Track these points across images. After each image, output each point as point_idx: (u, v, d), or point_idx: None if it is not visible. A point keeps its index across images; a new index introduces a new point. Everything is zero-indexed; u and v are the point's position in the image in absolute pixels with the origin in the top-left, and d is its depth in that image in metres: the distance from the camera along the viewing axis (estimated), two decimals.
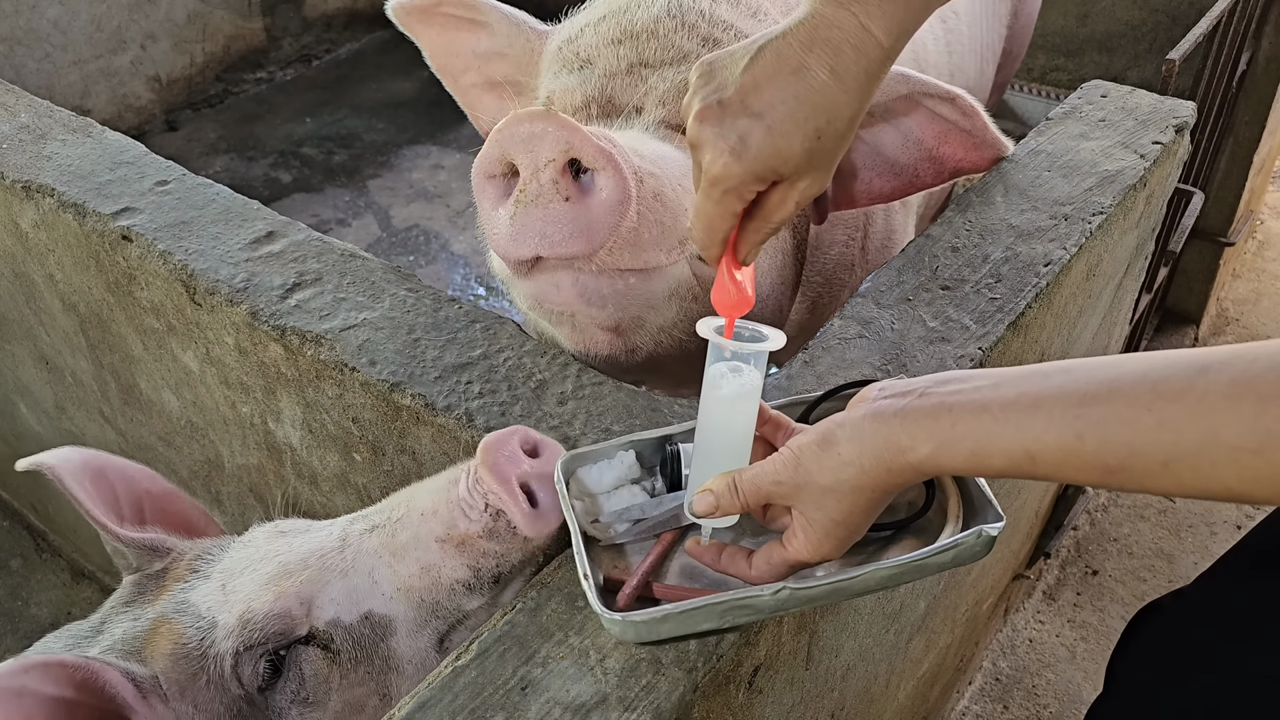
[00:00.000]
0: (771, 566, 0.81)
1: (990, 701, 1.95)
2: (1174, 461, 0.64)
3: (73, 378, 1.71)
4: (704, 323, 0.86)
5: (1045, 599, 2.15)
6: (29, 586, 2.18)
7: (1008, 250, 1.29)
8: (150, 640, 0.95)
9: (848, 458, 0.75)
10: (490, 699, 0.79)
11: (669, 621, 0.81)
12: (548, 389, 1.11)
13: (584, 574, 0.84)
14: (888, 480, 0.75)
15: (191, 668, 0.92)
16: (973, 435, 0.71)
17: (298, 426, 1.28)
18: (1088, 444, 0.66)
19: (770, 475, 0.79)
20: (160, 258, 1.31)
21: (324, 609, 0.94)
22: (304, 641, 0.94)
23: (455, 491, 0.93)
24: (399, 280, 1.28)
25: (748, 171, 0.85)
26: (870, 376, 1.11)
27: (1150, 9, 3.02)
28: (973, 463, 0.72)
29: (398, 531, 0.94)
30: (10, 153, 1.52)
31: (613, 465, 0.95)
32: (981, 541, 0.81)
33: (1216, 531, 2.28)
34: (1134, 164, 1.44)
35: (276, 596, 0.93)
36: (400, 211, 3.43)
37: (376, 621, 0.94)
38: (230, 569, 0.98)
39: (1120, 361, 0.68)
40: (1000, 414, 0.70)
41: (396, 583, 0.94)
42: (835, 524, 0.78)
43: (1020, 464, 0.70)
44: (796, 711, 1.03)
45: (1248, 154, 2.62)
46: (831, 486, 0.76)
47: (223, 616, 0.94)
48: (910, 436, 0.73)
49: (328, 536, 0.97)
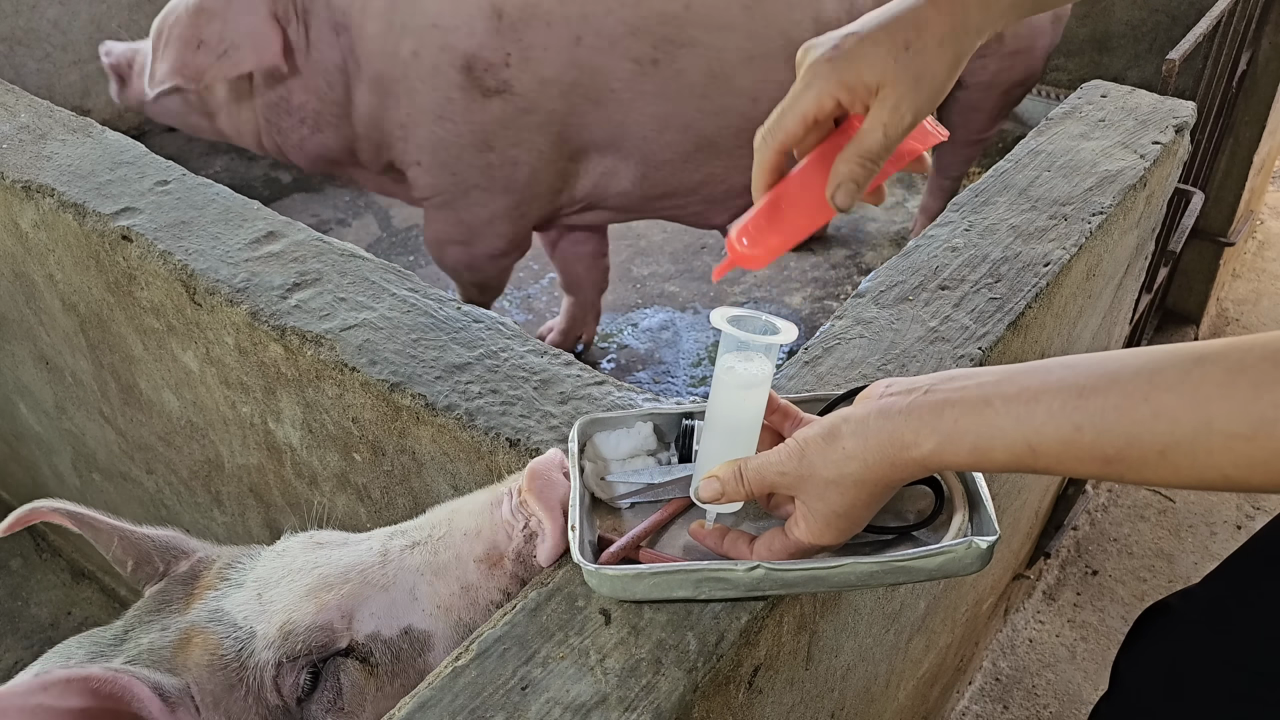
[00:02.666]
0: (772, 552, 0.83)
1: (990, 701, 1.95)
2: (1170, 450, 0.65)
3: (73, 378, 1.71)
4: (718, 313, 0.87)
5: (1045, 599, 2.15)
6: (29, 586, 2.18)
7: (1007, 250, 1.29)
8: (182, 650, 0.94)
9: (851, 451, 0.76)
10: (490, 699, 0.79)
11: (643, 581, 0.83)
12: (548, 389, 1.12)
13: (572, 525, 0.87)
14: (890, 475, 0.76)
15: (229, 679, 0.92)
16: (975, 430, 0.72)
17: (298, 426, 1.28)
18: (1086, 435, 0.67)
19: (775, 466, 0.80)
20: (160, 258, 1.31)
21: (365, 622, 0.94)
22: (343, 654, 0.94)
23: (499, 513, 0.94)
24: (399, 280, 1.28)
25: (836, 70, 0.84)
26: (875, 379, 1.11)
27: (1150, 9, 3.03)
28: (975, 457, 0.73)
29: (440, 550, 0.95)
30: (10, 153, 1.52)
31: (630, 435, 0.98)
32: (972, 553, 0.81)
33: (1216, 531, 2.28)
34: (1134, 164, 1.44)
35: (319, 608, 0.93)
36: (400, 211, 3.43)
37: (416, 636, 0.94)
38: (266, 578, 0.97)
39: (1120, 355, 0.69)
40: (1002, 408, 0.71)
41: (436, 600, 0.95)
42: (837, 515, 0.79)
43: (1022, 457, 0.71)
44: (796, 711, 1.03)
45: (1248, 154, 2.62)
46: (835, 479, 0.77)
47: (261, 627, 0.93)
48: (914, 432, 0.74)
49: (368, 551, 0.98)
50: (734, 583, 0.82)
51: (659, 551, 0.90)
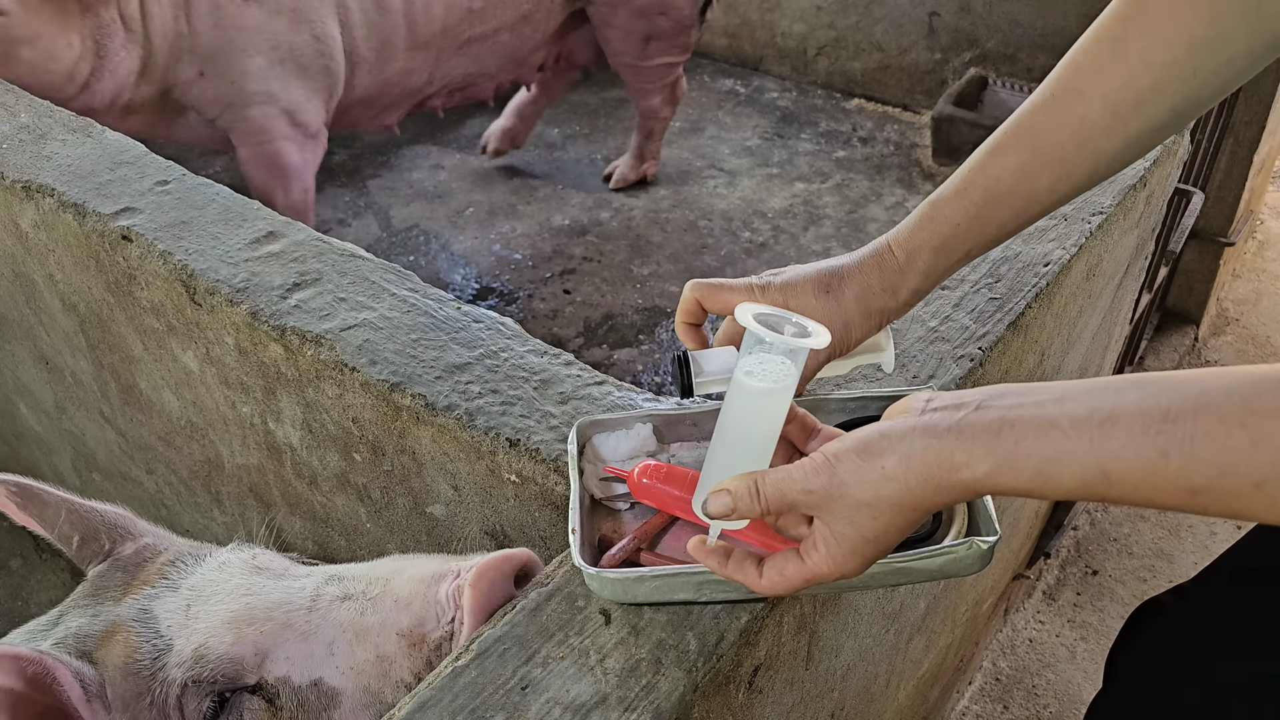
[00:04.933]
0: (785, 579, 0.75)
1: (990, 701, 1.95)
2: (1269, 482, 0.59)
3: (73, 378, 1.71)
4: (742, 309, 0.81)
5: (1045, 599, 2.15)
6: (29, 586, 2.18)
7: (1007, 250, 1.29)
8: (105, 644, 0.93)
9: (892, 472, 0.69)
10: (490, 699, 0.79)
11: (644, 585, 0.82)
12: (548, 389, 1.12)
13: (572, 529, 0.86)
14: (933, 499, 0.70)
15: (139, 685, 0.91)
16: (1039, 453, 0.66)
17: (298, 426, 1.28)
18: (1173, 462, 0.62)
19: (800, 482, 0.73)
20: (160, 258, 1.31)
21: (278, 664, 0.92)
22: (250, 690, 0.92)
23: (435, 591, 0.90)
24: (399, 280, 1.28)
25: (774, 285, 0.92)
26: (875, 378, 1.11)
27: None
28: (1037, 483, 0.66)
29: (368, 611, 0.92)
30: (10, 153, 1.52)
31: (629, 436, 0.97)
32: (973, 554, 0.80)
33: (1216, 531, 2.28)
34: (1134, 164, 1.44)
35: (236, 640, 0.92)
36: (400, 211, 3.43)
37: (325, 691, 0.92)
38: (199, 590, 0.96)
39: (1201, 375, 0.64)
40: (1071, 430, 0.65)
41: (351, 662, 0.92)
42: (865, 541, 0.72)
43: (1093, 484, 0.65)
44: (796, 711, 1.03)
45: (1248, 154, 2.62)
46: (869, 501, 0.70)
47: (179, 642, 0.93)
48: (967, 453, 0.67)
49: (299, 591, 0.96)
50: (735, 586, 0.81)
51: (659, 554, 0.90)
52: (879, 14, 3.62)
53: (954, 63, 3.56)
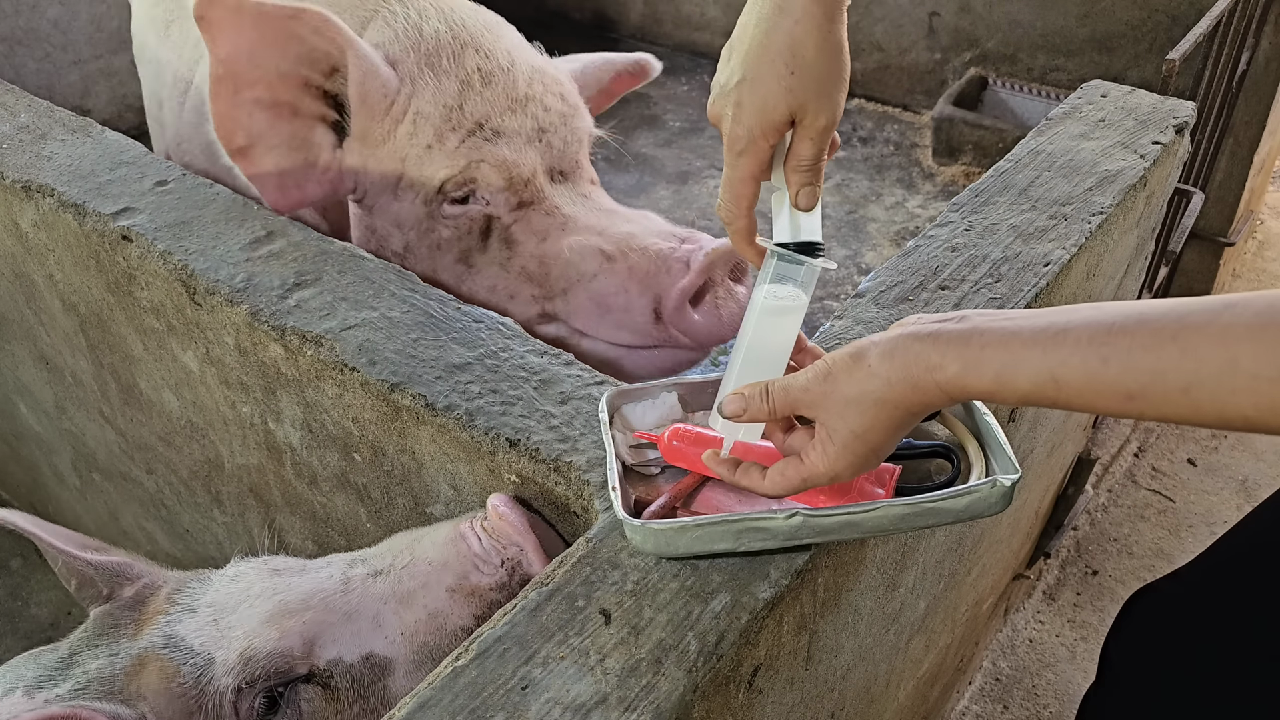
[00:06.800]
0: (785, 479, 0.84)
1: (990, 701, 1.95)
2: (1194, 388, 0.66)
3: (73, 378, 1.71)
4: (765, 240, 0.92)
5: (1045, 599, 2.15)
6: (29, 586, 2.18)
7: (1008, 250, 1.29)
8: (135, 676, 0.94)
9: (875, 370, 0.78)
10: (490, 699, 0.79)
11: (686, 534, 0.84)
12: (548, 389, 1.12)
13: (612, 486, 0.89)
14: (912, 397, 0.77)
15: (188, 705, 0.93)
16: (999, 358, 0.74)
17: (298, 426, 1.28)
18: (1111, 368, 0.69)
19: (800, 383, 0.82)
20: (160, 258, 1.31)
21: (327, 648, 0.95)
22: (304, 679, 0.94)
23: (466, 546, 0.95)
24: (399, 280, 1.28)
25: (747, 128, 0.90)
26: None
27: (1150, 9, 3.02)
28: (998, 385, 0.74)
29: (404, 579, 0.97)
30: (10, 153, 1.52)
31: (656, 405, 1.00)
32: (996, 492, 0.84)
33: (1216, 531, 2.28)
34: (1134, 164, 1.44)
35: (280, 634, 0.94)
36: None
37: (377, 662, 0.95)
38: (221, 604, 0.98)
39: (1149, 301, 0.71)
40: (1029, 338, 0.73)
41: (401, 627, 0.96)
42: (855, 437, 0.80)
43: (1044, 388, 0.72)
44: (796, 711, 1.03)
45: (1248, 154, 2.62)
46: (856, 398, 0.79)
47: (220, 653, 0.94)
48: (940, 355, 0.75)
49: (328, 578, 0.99)
50: (773, 532, 0.84)
51: (692, 509, 0.93)
52: (879, 14, 3.61)
53: (954, 63, 3.56)
